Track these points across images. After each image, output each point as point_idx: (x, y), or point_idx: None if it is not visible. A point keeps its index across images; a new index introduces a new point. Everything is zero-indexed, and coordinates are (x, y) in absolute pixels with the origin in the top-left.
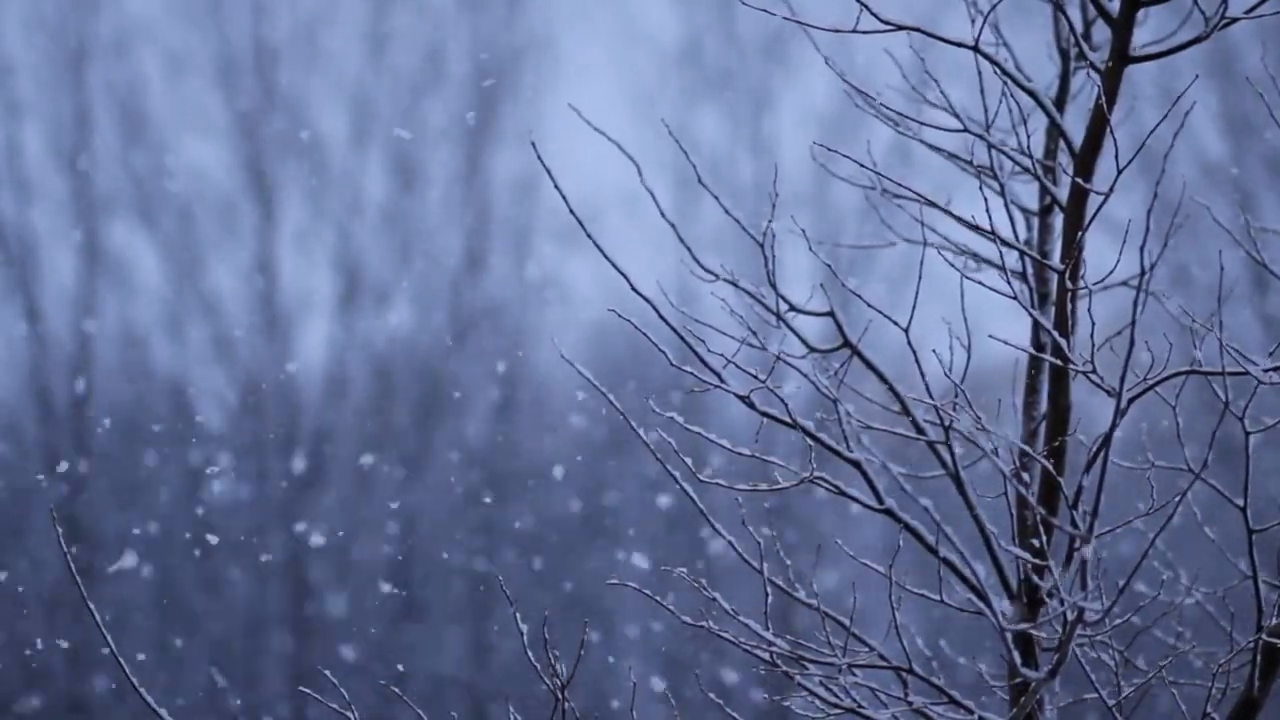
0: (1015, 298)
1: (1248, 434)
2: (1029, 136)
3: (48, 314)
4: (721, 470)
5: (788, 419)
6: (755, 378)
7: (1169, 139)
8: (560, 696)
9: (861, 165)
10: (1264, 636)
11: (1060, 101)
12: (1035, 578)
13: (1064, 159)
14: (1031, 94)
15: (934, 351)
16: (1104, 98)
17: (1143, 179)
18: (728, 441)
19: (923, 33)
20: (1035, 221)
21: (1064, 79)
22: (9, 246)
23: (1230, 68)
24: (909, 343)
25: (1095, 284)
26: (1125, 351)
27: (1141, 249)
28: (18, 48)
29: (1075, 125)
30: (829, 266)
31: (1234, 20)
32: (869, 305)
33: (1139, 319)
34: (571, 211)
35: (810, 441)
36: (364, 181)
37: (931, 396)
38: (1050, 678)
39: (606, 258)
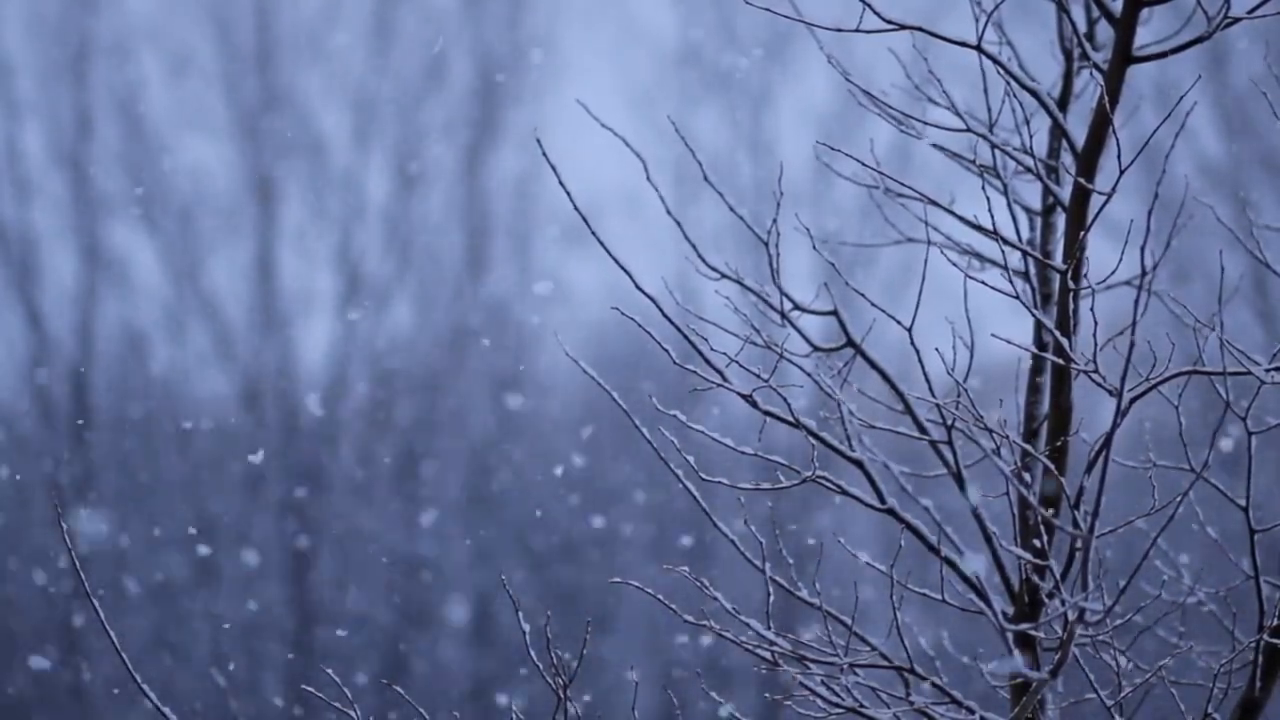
0: (1017, 297)
1: (1250, 434)
2: (1032, 136)
3: (48, 314)
4: (723, 469)
5: (790, 418)
6: (758, 376)
7: (1169, 139)
8: (563, 695)
9: (864, 164)
10: (1265, 637)
11: (1063, 101)
12: (1036, 577)
13: (1067, 159)
14: (1034, 94)
15: (936, 350)
16: (1106, 98)
17: (1144, 179)
18: (730, 440)
19: (925, 32)
20: (1038, 221)
21: (1067, 79)
22: (9, 246)
23: (1227, 68)
24: (911, 342)
25: (1097, 284)
26: (1127, 351)
27: (1143, 249)
28: (18, 48)
29: (1078, 125)
30: (833, 265)
31: (1236, 20)
32: (872, 304)
33: (1141, 319)
34: (576, 208)
35: (812, 441)
36: (364, 181)
37: (934, 396)
38: (1051, 677)
39: (610, 254)
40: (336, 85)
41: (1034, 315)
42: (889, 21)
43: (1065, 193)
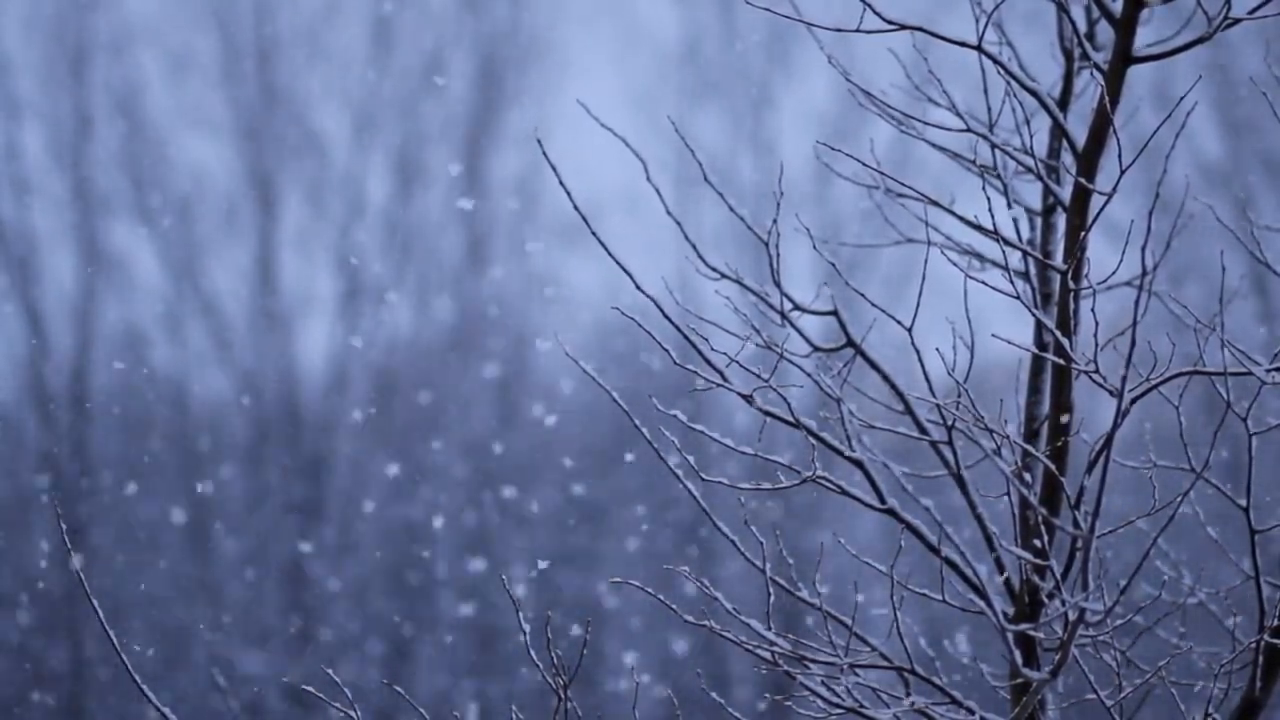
0: (1018, 297)
1: (1250, 434)
2: (1032, 136)
3: (48, 314)
4: (724, 469)
5: (790, 418)
6: (758, 376)
7: (1169, 139)
8: (563, 695)
9: (865, 164)
10: (1266, 637)
11: (1064, 102)
12: (1037, 578)
13: (1067, 159)
14: (1034, 94)
15: (937, 350)
16: (1106, 98)
17: (1144, 179)
18: (730, 440)
19: (926, 32)
20: (1038, 221)
21: (1068, 79)
22: (9, 246)
23: (1227, 68)
24: (912, 342)
25: (1098, 284)
26: (1127, 351)
27: (1143, 249)
28: (18, 48)
29: (1078, 125)
30: (833, 265)
31: (1236, 21)
32: (872, 304)
33: (1141, 319)
34: (576, 208)
35: (813, 441)
36: (364, 181)
37: (934, 396)
38: (1051, 677)
39: (610, 254)
40: (336, 85)
41: (1034, 315)
42: (889, 21)
43: (1065, 193)
